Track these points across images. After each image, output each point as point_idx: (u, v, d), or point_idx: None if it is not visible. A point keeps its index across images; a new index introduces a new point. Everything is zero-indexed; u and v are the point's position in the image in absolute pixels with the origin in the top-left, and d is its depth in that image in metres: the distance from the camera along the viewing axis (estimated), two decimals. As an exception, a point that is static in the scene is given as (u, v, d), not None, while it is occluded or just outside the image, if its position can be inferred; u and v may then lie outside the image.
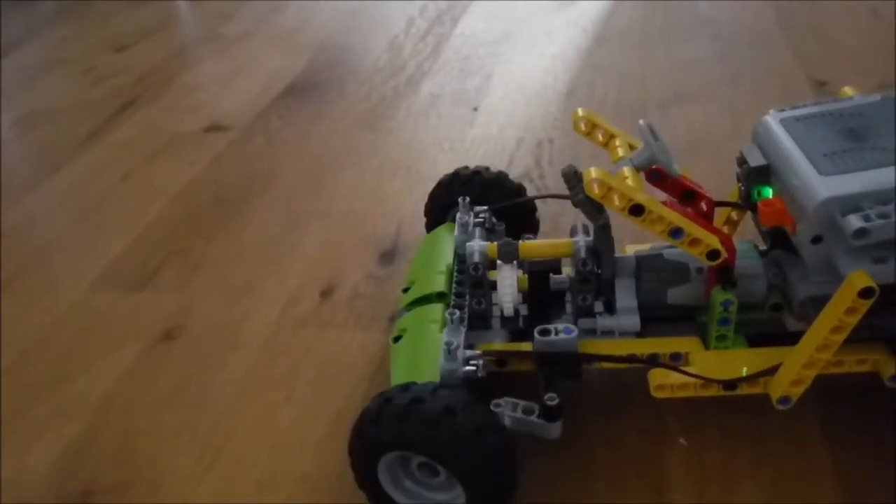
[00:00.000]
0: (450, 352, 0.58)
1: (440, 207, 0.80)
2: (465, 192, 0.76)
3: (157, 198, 1.10)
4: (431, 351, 0.62)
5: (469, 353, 0.59)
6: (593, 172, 0.56)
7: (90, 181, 1.17)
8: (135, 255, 0.98)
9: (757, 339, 0.65)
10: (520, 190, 0.79)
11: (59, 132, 1.35)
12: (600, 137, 0.65)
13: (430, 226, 0.81)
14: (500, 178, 0.78)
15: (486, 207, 0.74)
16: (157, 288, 0.91)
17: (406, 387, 0.55)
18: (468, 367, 0.58)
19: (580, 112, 0.66)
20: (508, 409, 0.57)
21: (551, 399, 0.56)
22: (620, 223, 0.63)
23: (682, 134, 1.10)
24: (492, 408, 0.56)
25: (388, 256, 0.91)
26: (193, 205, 1.07)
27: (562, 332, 0.60)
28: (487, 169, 0.78)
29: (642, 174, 0.62)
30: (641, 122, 0.60)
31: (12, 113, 1.45)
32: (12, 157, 1.29)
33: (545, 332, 0.60)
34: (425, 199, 0.82)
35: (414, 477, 0.58)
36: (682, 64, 1.32)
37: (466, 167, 0.79)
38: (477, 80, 1.35)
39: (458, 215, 0.73)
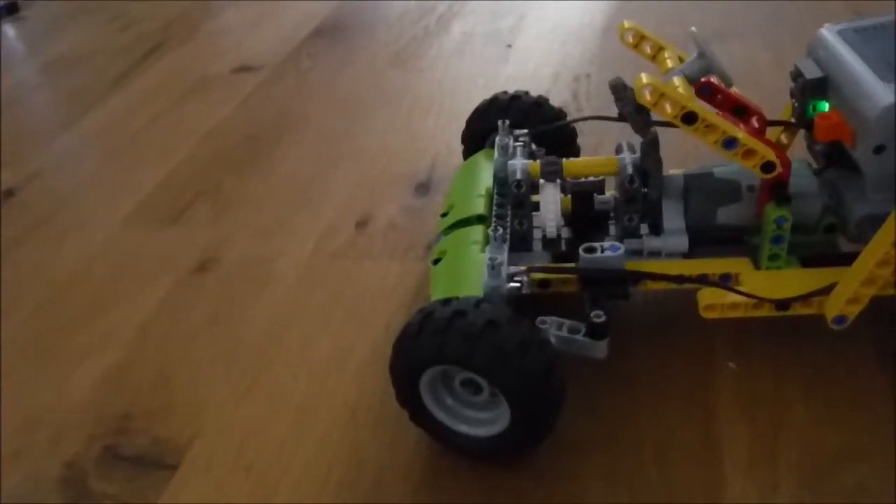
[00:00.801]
0: (493, 267, 0.56)
1: (477, 134, 0.78)
2: (504, 117, 0.74)
3: (188, 137, 1.08)
4: (472, 271, 0.61)
5: (513, 269, 0.58)
6: (645, 78, 0.54)
7: (119, 123, 1.16)
8: (166, 192, 0.97)
9: (810, 262, 0.63)
10: (560, 115, 0.76)
11: (87, 77, 1.34)
12: (648, 50, 0.63)
13: (468, 154, 0.79)
14: (540, 102, 0.76)
15: (525, 131, 0.72)
16: (190, 223, 0.90)
17: (447, 301, 0.53)
18: (512, 284, 0.57)
19: (627, 24, 0.63)
20: (554, 328, 0.56)
21: (598, 316, 0.55)
22: (667, 146, 0.61)
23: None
24: (537, 324, 0.55)
25: (423, 188, 0.90)
26: (224, 144, 1.06)
27: (608, 249, 0.58)
28: (527, 93, 0.76)
29: (692, 89, 0.60)
30: (694, 29, 0.58)
31: (41, 59, 1.44)
32: (42, 102, 1.29)
33: (591, 250, 0.58)
34: (460, 134, 0.80)
35: (456, 394, 0.56)
36: (724, 3, 1.28)
37: (505, 92, 0.76)
38: (510, 19, 1.32)
39: (497, 138, 0.70)
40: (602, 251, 0.58)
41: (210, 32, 1.44)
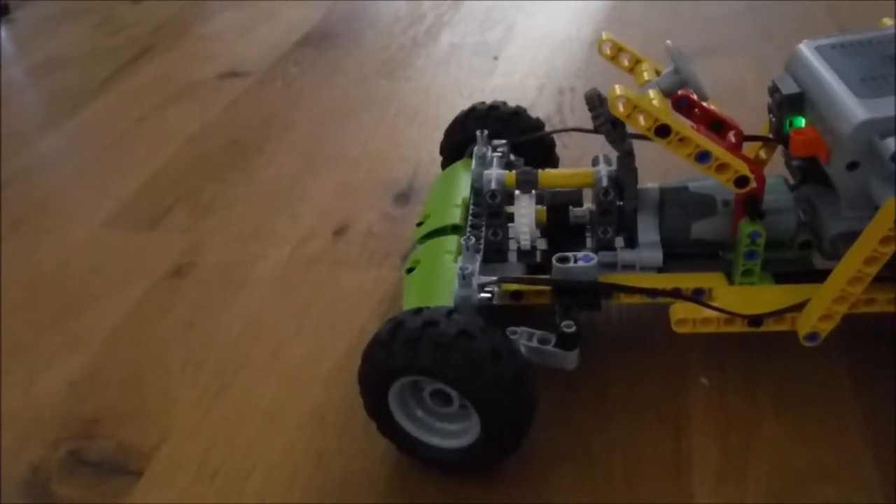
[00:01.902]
0: (464, 277, 0.55)
1: (456, 145, 0.77)
2: (482, 127, 0.73)
3: (171, 141, 1.08)
4: (445, 281, 0.60)
5: (484, 279, 0.57)
6: (618, 90, 0.53)
7: (104, 125, 1.15)
8: (147, 195, 0.96)
9: (784, 278, 0.63)
10: (539, 125, 0.76)
11: (74, 79, 1.33)
12: (626, 62, 0.63)
13: (447, 164, 0.79)
14: (518, 112, 0.75)
15: (504, 141, 0.72)
16: (169, 227, 0.89)
17: (418, 311, 0.53)
18: (483, 294, 0.56)
19: (605, 35, 0.63)
20: (524, 338, 0.55)
21: (568, 326, 0.54)
22: (645, 160, 0.60)
23: (709, 86, 1.06)
24: (507, 335, 0.54)
25: (403, 198, 0.89)
26: (207, 148, 1.05)
27: (581, 259, 0.58)
28: (505, 104, 0.76)
29: (669, 102, 0.60)
30: (669, 42, 0.58)
31: (29, 60, 1.43)
32: (28, 103, 1.28)
33: (564, 260, 0.58)
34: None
35: (425, 406, 0.56)
36: (710, 18, 1.28)
37: (483, 102, 0.76)
38: (498, 30, 1.32)
39: (475, 148, 0.70)
40: (575, 261, 0.58)
41: (199, 37, 1.44)
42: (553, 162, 0.78)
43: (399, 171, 0.94)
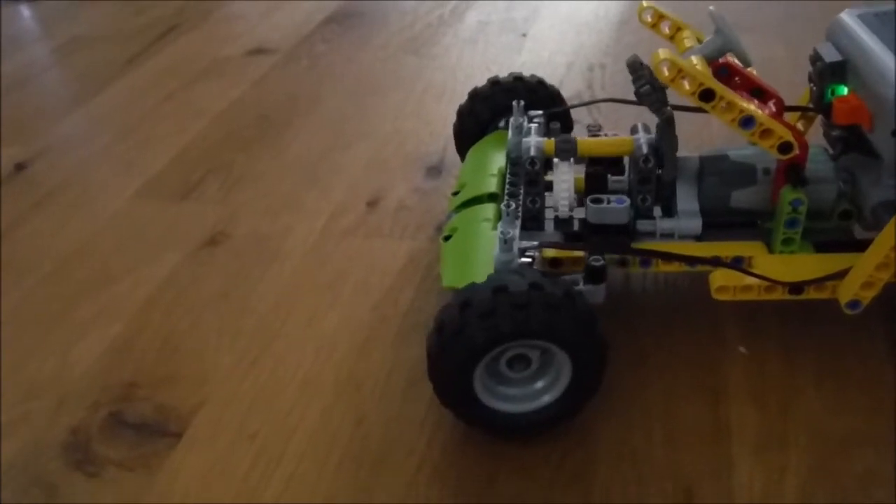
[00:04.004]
0: (505, 241, 0.55)
1: (465, 134, 0.78)
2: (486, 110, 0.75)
3: (199, 117, 1.08)
4: (483, 247, 0.60)
5: (525, 244, 0.57)
6: (662, 53, 0.53)
7: (131, 103, 1.16)
8: (177, 168, 0.96)
9: (824, 248, 0.62)
10: (557, 96, 0.76)
11: (100, 58, 1.33)
12: (667, 30, 0.62)
13: (461, 148, 0.79)
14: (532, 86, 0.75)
15: (540, 112, 0.71)
16: (200, 199, 0.90)
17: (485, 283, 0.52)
18: (524, 259, 0.56)
19: (645, 3, 0.63)
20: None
21: (596, 260, 0.55)
22: (681, 133, 0.60)
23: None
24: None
25: (435, 171, 0.89)
26: (236, 124, 1.06)
27: (614, 201, 0.59)
28: (524, 77, 0.75)
29: (710, 69, 0.59)
30: (712, 8, 0.57)
31: (55, 40, 1.44)
32: (54, 81, 1.29)
33: (597, 201, 0.59)
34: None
35: (505, 378, 0.56)
36: (738, 3, 1.27)
37: (485, 84, 0.77)
38: (525, 9, 1.31)
39: (511, 119, 0.70)
40: (608, 203, 0.59)
41: (224, 17, 1.44)
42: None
43: (429, 146, 0.94)
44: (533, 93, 0.75)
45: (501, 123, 0.76)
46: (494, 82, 0.76)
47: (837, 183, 0.61)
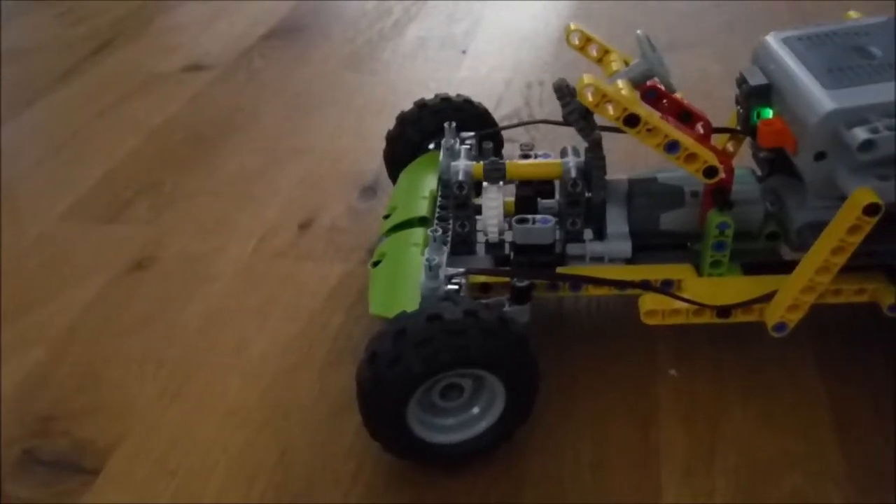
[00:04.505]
0: (431, 269, 0.54)
1: (396, 158, 0.77)
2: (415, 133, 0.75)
3: (132, 134, 1.05)
4: (412, 273, 0.59)
5: (451, 270, 0.56)
6: (587, 79, 0.53)
7: (63, 117, 1.13)
8: (106, 188, 0.94)
9: (752, 269, 0.62)
10: (485, 115, 0.76)
11: (33, 70, 1.30)
12: (594, 53, 0.62)
13: (392, 172, 0.79)
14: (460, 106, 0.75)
15: (472, 133, 0.71)
16: (129, 220, 0.87)
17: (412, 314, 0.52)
18: (450, 286, 0.55)
19: (573, 25, 0.62)
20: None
21: (520, 281, 0.55)
22: (614, 153, 0.60)
23: (675, 80, 1.06)
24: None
25: (370, 191, 0.88)
26: (169, 141, 1.03)
27: (539, 221, 0.59)
28: (451, 98, 0.75)
29: (637, 93, 0.59)
30: (639, 32, 0.57)
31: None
32: (-16, 94, 1.25)
33: (523, 221, 0.60)
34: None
35: (436, 409, 0.55)
36: (677, 14, 1.29)
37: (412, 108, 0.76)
38: (465, 24, 1.31)
39: (443, 140, 0.69)
40: (533, 223, 0.60)
41: (162, 29, 1.41)
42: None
43: (365, 164, 0.93)
44: (460, 112, 0.74)
45: (432, 145, 0.75)
46: (421, 105, 0.75)
47: (764, 204, 0.62)
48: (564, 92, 0.58)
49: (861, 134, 0.50)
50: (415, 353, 0.49)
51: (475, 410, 0.55)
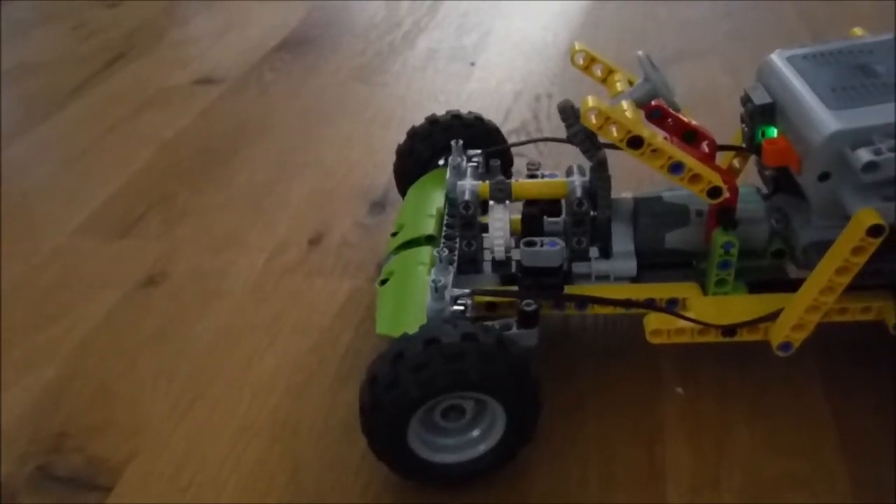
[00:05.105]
0: (437, 290, 0.55)
1: (406, 172, 0.78)
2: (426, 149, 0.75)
3: (144, 148, 1.07)
4: (418, 293, 0.60)
5: (457, 291, 0.57)
6: (591, 101, 0.53)
7: (76, 132, 1.14)
8: (118, 203, 0.95)
9: (758, 287, 0.63)
10: (493, 132, 0.77)
11: (46, 84, 1.31)
12: (599, 73, 0.63)
13: (401, 187, 0.79)
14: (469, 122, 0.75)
15: (479, 151, 0.71)
16: (141, 235, 0.88)
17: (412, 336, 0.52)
18: (456, 307, 0.56)
19: (577, 46, 0.63)
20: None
21: (528, 305, 0.55)
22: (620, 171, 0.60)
23: (683, 91, 1.06)
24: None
25: (378, 206, 0.89)
26: (180, 155, 1.04)
27: (547, 244, 0.59)
28: (462, 115, 0.76)
29: (642, 112, 0.60)
30: (641, 53, 0.58)
31: (3, 65, 1.41)
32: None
33: (531, 244, 0.60)
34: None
35: (439, 429, 0.55)
36: (685, 22, 1.29)
37: (423, 123, 0.77)
38: (475, 36, 1.32)
39: (450, 158, 0.70)
40: (541, 245, 0.59)
41: (174, 42, 1.43)
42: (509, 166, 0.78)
43: (374, 178, 0.94)
44: (471, 129, 0.75)
45: (441, 161, 0.76)
46: (433, 121, 0.76)
47: (770, 222, 0.62)
48: (569, 113, 0.58)
49: (865, 155, 0.51)
50: (412, 377, 0.50)
51: (476, 432, 0.56)
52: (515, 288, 0.62)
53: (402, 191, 0.78)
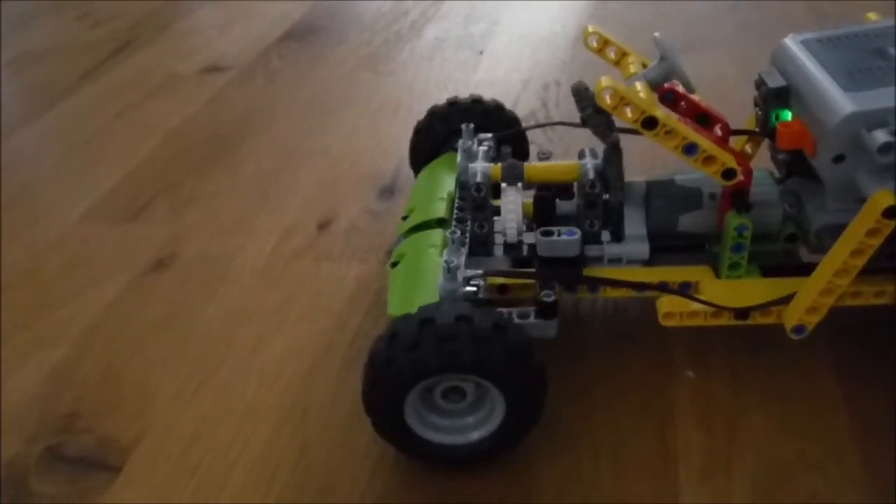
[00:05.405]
0: (449, 270, 0.55)
1: (420, 151, 0.78)
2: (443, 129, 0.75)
3: (151, 135, 1.06)
4: (430, 275, 0.60)
5: (469, 272, 0.57)
6: (605, 81, 0.53)
7: (82, 119, 1.14)
8: (126, 188, 0.95)
9: (771, 271, 0.62)
10: (506, 114, 0.76)
11: (53, 73, 1.31)
12: (612, 55, 0.62)
13: (416, 166, 0.79)
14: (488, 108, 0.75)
15: (490, 135, 0.71)
16: (149, 220, 0.88)
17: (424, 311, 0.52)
18: (468, 288, 0.56)
19: (591, 28, 0.62)
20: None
21: (547, 296, 0.55)
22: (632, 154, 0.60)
23: (692, 82, 1.07)
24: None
25: (387, 192, 0.89)
26: (188, 142, 1.04)
27: (564, 233, 0.59)
28: (483, 100, 0.75)
29: (655, 95, 0.59)
30: (657, 34, 0.57)
31: (8, 53, 1.41)
32: (5, 96, 1.26)
33: (548, 234, 0.59)
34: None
35: (439, 409, 0.55)
36: (693, 15, 1.29)
37: (443, 104, 0.76)
38: (483, 25, 1.31)
39: (461, 141, 0.69)
40: (559, 235, 0.59)
41: (180, 31, 1.43)
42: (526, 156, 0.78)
43: (382, 165, 0.94)
44: (490, 116, 0.74)
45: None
46: (452, 102, 0.75)
47: (783, 206, 0.62)
48: (583, 95, 0.58)
49: (881, 136, 0.50)
50: (406, 356, 0.50)
51: (472, 418, 0.55)
52: (528, 270, 0.61)
53: (416, 167, 0.77)
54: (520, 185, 0.63)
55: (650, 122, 0.53)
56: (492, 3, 1.40)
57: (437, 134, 0.76)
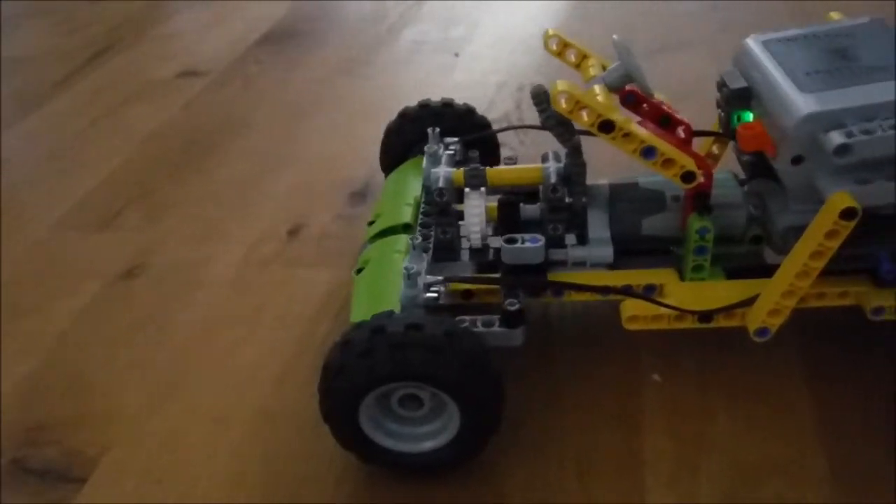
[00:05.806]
0: (409, 277, 0.55)
1: (391, 152, 0.78)
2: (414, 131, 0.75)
3: (126, 141, 1.06)
4: (394, 282, 0.59)
5: (430, 278, 0.57)
6: (560, 85, 0.53)
7: (59, 126, 1.14)
8: (100, 195, 0.95)
9: (735, 273, 0.62)
10: (473, 117, 0.76)
11: (30, 79, 1.31)
12: (572, 58, 0.62)
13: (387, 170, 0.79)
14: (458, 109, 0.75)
15: (456, 139, 0.71)
16: (121, 228, 0.88)
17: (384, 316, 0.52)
18: (429, 294, 0.55)
19: (551, 31, 0.62)
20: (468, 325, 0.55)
21: (511, 304, 0.55)
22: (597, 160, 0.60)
23: (671, 82, 1.06)
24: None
25: (359, 196, 0.89)
26: (163, 148, 1.04)
27: (528, 241, 0.59)
28: (454, 104, 0.75)
29: (616, 98, 0.59)
30: (615, 37, 0.57)
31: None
32: (-19, 104, 1.26)
33: (511, 241, 0.59)
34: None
35: (396, 416, 0.55)
36: (673, 15, 1.29)
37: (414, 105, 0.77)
38: (461, 28, 1.31)
39: (426, 146, 0.69)
40: (523, 242, 0.59)
41: (158, 37, 1.42)
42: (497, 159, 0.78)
43: (355, 170, 0.93)
44: (461, 119, 0.74)
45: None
46: (424, 105, 0.75)
47: (747, 208, 0.62)
48: (542, 98, 0.58)
49: (837, 138, 0.50)
50: (357, 364, 0.50)
51: (429, 426, 0.55)
52: (490, 275, 0.61)
53: (386, 170, 0.77)
54: (483, 189, 0.63)
55: (606, 126, 0.53)
56: (471, 5, 1.40)
57: (407, 136, 0.76)
